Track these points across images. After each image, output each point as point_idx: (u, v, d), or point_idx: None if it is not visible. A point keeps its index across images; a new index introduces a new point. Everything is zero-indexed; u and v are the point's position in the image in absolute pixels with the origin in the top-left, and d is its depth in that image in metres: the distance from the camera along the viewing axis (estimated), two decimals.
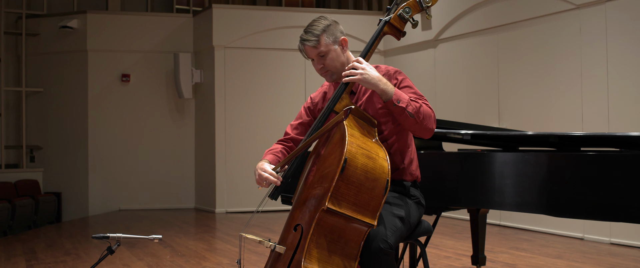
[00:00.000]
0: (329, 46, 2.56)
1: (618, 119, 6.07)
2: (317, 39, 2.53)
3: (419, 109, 2.41)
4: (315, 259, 2.20)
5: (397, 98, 2.39)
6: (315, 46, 2.54)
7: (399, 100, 2.39)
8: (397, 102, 2.38)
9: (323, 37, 2.54)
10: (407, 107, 2.39)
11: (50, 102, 10.05)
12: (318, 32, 2.54)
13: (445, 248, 5.94)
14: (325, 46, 2.55)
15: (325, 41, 2.54)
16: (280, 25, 9.50)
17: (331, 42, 2.56)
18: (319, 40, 2.53)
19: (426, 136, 2.50)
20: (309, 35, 2.54)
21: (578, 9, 6.49)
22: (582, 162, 2.76)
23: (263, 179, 2.49)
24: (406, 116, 2.39)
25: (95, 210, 9.71)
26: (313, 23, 2.58)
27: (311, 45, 2.54)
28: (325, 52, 2.56)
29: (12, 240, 7.27)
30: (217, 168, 9.24)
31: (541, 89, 6.96)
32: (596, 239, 6.25)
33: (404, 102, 2.39)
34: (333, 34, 2.57)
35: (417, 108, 2.41)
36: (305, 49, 2.58)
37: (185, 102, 10.04)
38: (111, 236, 2.69)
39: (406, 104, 2.39)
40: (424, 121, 2.41)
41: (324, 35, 2.54)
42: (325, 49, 2.55)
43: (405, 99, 2.41)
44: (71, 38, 9.85)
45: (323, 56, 2.57)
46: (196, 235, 7.32)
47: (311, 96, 2.83)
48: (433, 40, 8.63)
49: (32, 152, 10.12)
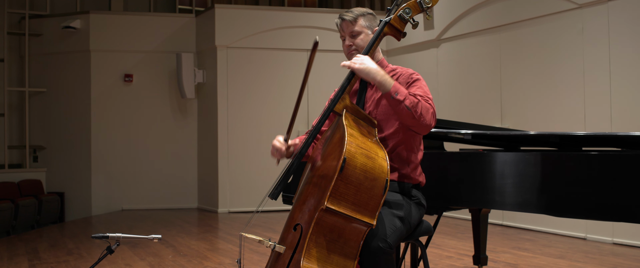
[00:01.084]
0: (363, 29, 2.67)
1: (620, 119, 6.05)
2: (355, 18, 2.66)
3: (416, 104, 2.42)
4: (314, 259, 2.21)
5: (395, 91, 2.42)
6: (352, 22, 2.67)
7: (396, 93, 2.42)
8: (395, 95, 2.41)
9: (361, 19, 2.67)
10: (405, 100, 2.41)
11: (53, 102, 10.08)
12: (358, 12, 2.68)
13: (447, 248, 5.94)
14: (360, 27, 2.67)
15: (361, 23, 2.67)
16: (282, 25, 9.50)
17: (366, 27, 2.68)
18: (357, 19, 2.67)
19: (423, 132, 2.52)
20: (349, 13, 2.69)
21: (580, 8, 6.48)
22: (583, 161, 2.75)
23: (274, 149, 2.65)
24: (403, 109, 2.41)
25: (98, 210, 9.73)
26: (355, 8, 2.73)
27: (349, 20, 2.67)
28: (359, 32, 2.67)
29: (15, 239, 7.29)
30: (220, 168, 9.25)
31: (543, 88, 6.95)
32: (599, 239, 6.24)
33: (401, 95, 2.41)
34: (370, 21, 2.70)
35: (414, 102, 2.42)
36: (342, 24, 2.69)
37: (188, 102, 10.05)
38: (111, 236, 2.69)
39: (404, 97, 2.41)
40: (421, 116, 2.42)
41: (362, 18, 2.68)
42: (359, 30, 2.67)
43: (403, 92, 2.43)
44: (74, 38, 9.88)
45: (355, 36, 2.67)
46: (198, 235, 7.32)
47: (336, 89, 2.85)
48: (435, 40, 8.62)
49: (35, 152, 10.14)
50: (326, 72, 9.02)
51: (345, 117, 2.40)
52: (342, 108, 2.47)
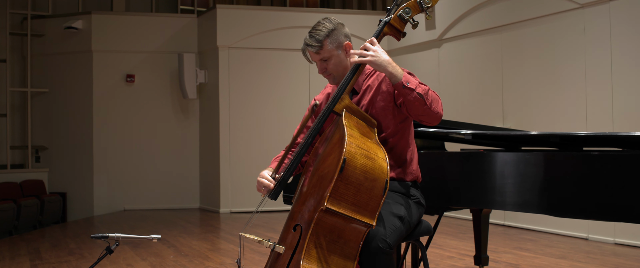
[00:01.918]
0: (332, 52, 2.57)
1: (622, 119, 6.04)
2: (319, 45, 2.55)
3: (427, 92, 2.40)
4: (314, 259, 2.20)
5: (407, 80, 2.39)
6: (318, 52, 2.56)
7: (408, 82, 2.39)
8: (407, 84, 2.38)
9: (326, 42, 2.55)
10: (417, 88, 2.38)
11: (55, 102, 10.09)
12: (321, 37, 2.55)
13: (448, 248, 5.93)
14: (328, 52, 2.56)
15: (328, 47, 2.55)
16: (284, 26, 9.50)
17: (335, 48, 2.57)
18: (322, 45, 2.55)
19: (434, 122, 2.47)
20: (312, 40, 2.55)
21: (582, 8, 6.47)
22: (584, 161, 2.75)
23: (260, 185, 2.56)
24: (415, 98, 2.37)
25: (100, 210, 9.74)
26: (317, 26, 2.58)
27: (314, 51, 2.56)
28: (328, 57, 2.57)
29: (17, 240, 7.31)
30: (222, 168, 9.25)
31: (545, 88, 6.94)
32: (600, 239, 6.23)
33: (413, 84, 2.39)
34: (337, 39, 2.57)
35: (426, 90, 2.40)
36: (307, 52, 2.59)
37: (190, 102, 10.06)
38: (110, 236, 2.70)
39: (415, 85, 2.39)
40: (432, 104, 2.41)
41: (327, 40, 2.55)
42: (328, 55, 2.57)
43: (414, 81, 2.40)
44: (76, 39, 9.89)
45: (326, 61, 2.59)
46: (200, 235, 7.33)
47: (315, 98, 2.83)
48: (437, 40, 8.62)
49: (38, 152, 10.16)
50: None
51: (345, 117, 2.40)
52: (342, 108, 2.46)
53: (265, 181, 2.53)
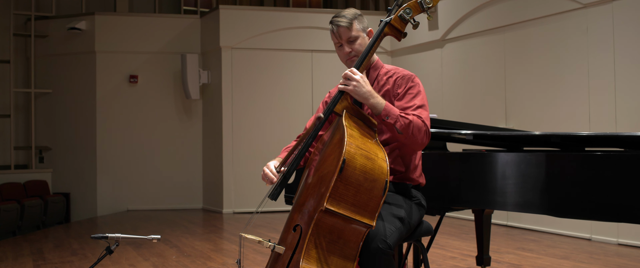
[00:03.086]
0: (360, 33, 2.65)
1: (625, 119, 6.03)
2: (350, 22, 2.62)
3: (408, 125, 2.43)
4: (313, 259, 2.20)
5: (386, 114, 2.43)
6: (348, 27, 2.62)
7: (387, 116, 2.43)
8: (386, 118, 2.43)
9: (355, 22, 2.64)
10: (395, 123, 2.42)
11: (58, 103, 10.12)
12: (351, 16, 2.64)
13: (451, 249, 5.93)
14: (357, 31, 2.64)
15: (356, 27, 2.64)
16: (287, 26, 9.50)
17: (361, 29, 2.65)
18: (352, 23, 2.63)
19: (417, 149, 2.54)
20: (342, 18, 2.63)
21: (585, 8, 6.46)
22: (586, 162, 2.74)
23: (265, 175, 2.57)
24: (394, 131, 2.44)
25: (104, 211, 9.76)
26: (343, 11, 2.68)
27: (345, 25, 2.62)
28: (356, 36, 2.64)
29: (21, 240, 7.33)
30: (225, 168, 9.26)
31: (548, 88, 6.93)
32: (604, 240, 6.21)
33: (392, 118, 2.42)
34: (362, 23, 2.67)
35: (405, 124, 2.43)
36: (338, 30, 2.64)
37: (193, 102, 10.07)
38: (110, 236, 2.70)
39: (394, 120, 2.42)
40: (414, 135, 2.45)
41: (356, 21, 2.64)
42: (356, 34, 2.64)
43: (394, 114, 2.43)
44: (79, 39, 9.91)
45: (353, 41, 2.64)
46: (203, 235, 7.34)
47: (330, 91, 2.87)
48: (440, 40, 8.61)
49: (41, 152, 10.18)
50: (332, 72, 9.04)
51: (345, 117, 2.40)
52: (342, 108, 2.46)
53: (270, 174, 2.55)
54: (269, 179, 2.55)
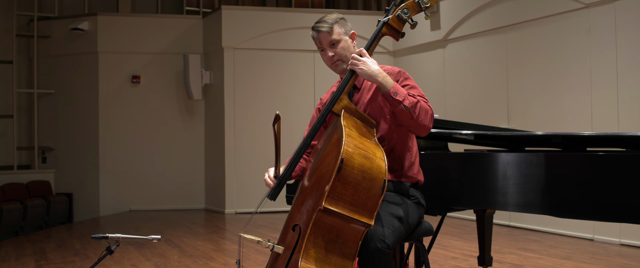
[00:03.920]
0: (341, 36, 2.65)
1: (628, 119, 6.01)
2: (330, 27, 2.63)
3: (415, 104, 2.45)
4: (312, 259, 2.20)
5: (395, 91, 2.44)
6: (329, 32, 2.63)
7: (396, 94, 2.44)
8: (394, 95, 2.43)
9: (336, 26, 2.64)
10: (404, 100, 2.43)
11: (61, 103, 10.14)
12: (332, 21, 2.65)
13: (452, 249, 5.92)
14: (338, 35, 2.64)
15: (337, 30, 2.64)
16: (289, 26, 9.51)
17: (343, 33, 2.66)
18: (333, 28, 2.63)
19: (422, 134, 2.53)
20: (323, 23, 2.65)
21: (587, 8, 6.44)
22: (587, 162, 2.73)
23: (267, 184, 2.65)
24: (402, 110, 2.43)
25: (106, 211, 9.77)
26: (324, 16, 2.69)
27: (326, 30, 2.63)
28: (338, 40, 2.64)
29: (23, 240, 7.34)
30: (227, 168, 9.26)
31: (550, 88, 6.91)
32: (606, 240, 6.20)
33: (400, 96, 2.44)
34: (344, 26, 2.68)
35: (413, 103, 2.45)
36: (319, 35, 2.65)
37: (195, 103, 10.08)
38: (110, 236, 2.70)
39: (403, 97, 2.44)
40: (419, 117, 2.45)
41: (336, 25, 2.65)
42: (338, 38, 2.64)
43: (402, 93, 2.45)
44: (82, 40, 9.93)
45: (335, 44, 2.64)
46: (205, 235, 7.34)
47: (321, 98, 2.89)
48: (442, 41, 8.60)
49: (44, 153, 10.20)
50: (334, 72, 8.98)
51: (343, 117, 2.40)
52: (340, 108, 2.47)
53: (268, 180, 2.64)
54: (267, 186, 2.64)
